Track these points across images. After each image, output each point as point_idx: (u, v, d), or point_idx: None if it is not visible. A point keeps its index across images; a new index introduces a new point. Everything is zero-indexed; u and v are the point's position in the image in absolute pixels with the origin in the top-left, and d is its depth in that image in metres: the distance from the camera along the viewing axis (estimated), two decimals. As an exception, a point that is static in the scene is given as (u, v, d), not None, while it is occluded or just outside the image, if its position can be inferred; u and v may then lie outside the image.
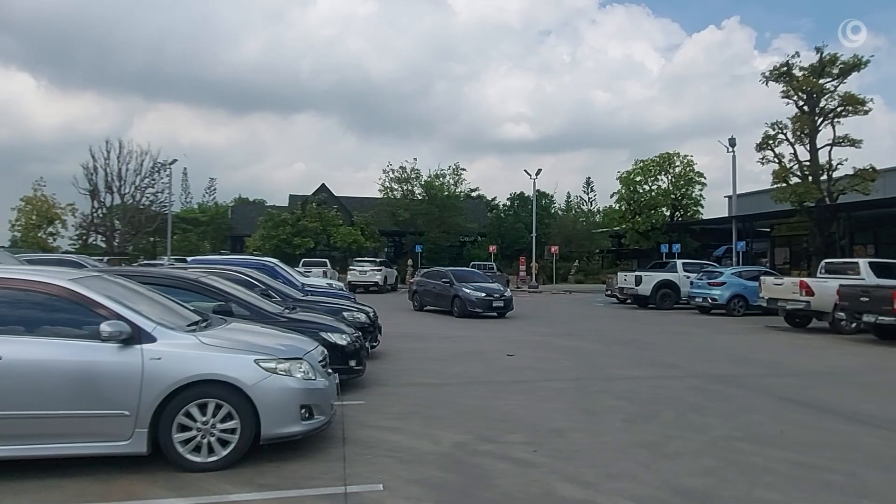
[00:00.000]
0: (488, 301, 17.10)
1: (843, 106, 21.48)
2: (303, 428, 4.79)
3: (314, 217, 38.28)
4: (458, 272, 19.41)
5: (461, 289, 17.39)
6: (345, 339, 7.06)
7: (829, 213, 22.13)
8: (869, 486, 4.46)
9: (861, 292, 13.25)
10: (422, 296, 19.35)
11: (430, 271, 20.34)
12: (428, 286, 19.05)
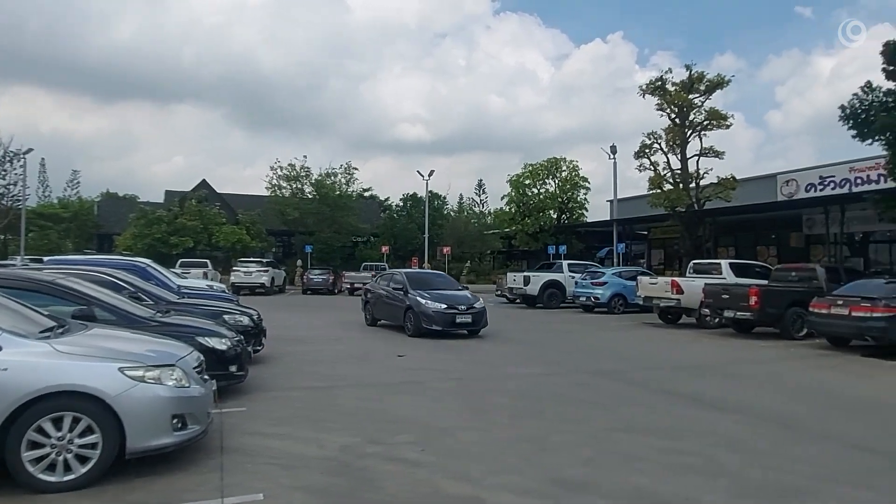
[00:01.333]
0: (450, 316, 12.95)
1: (709, 120, 23.74)
2: (175, 439, 4.51)
3: (194, 215, 36.11)
4: (415, 275, 15.73)
5: (416, 298, 13.33)
6: (224, 343, 6.72)
7: (697, 218, 24.34)
8: (724, 467, 4.95)
9: (722, 290, 14.73)
10: (374, 306, 15.34)
11: (384, 274, 16.62)
12: (380, 294, 15.11)
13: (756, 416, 6.72)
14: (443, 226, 44.46)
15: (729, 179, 23.08)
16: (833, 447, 5.59)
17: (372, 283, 16.81)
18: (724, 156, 23.78)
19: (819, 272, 14.82)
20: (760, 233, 27.89)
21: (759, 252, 27.19)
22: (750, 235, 28.26)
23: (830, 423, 6.47)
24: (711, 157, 23.82)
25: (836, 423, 6.52)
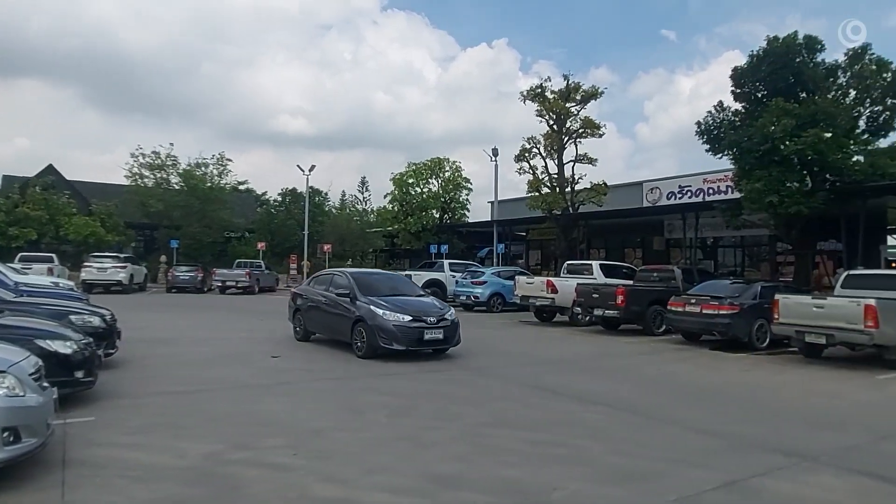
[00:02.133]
0: (417, 331, 10.03)
1: (584, 128, 25.35)
2: (7, 454, 4.07)
3: (38, 203, 32.41)
4: (363, 277, 11.98)
5: (368, 307, 10.31)
6: (69, 346, 6.12)
7: (572, 221, 25.89)
8: (588, 455, 5.32)
9: (593, 290, 15.78)
10: (307, 316, 12.12)
11: (321, 275, 13.06)
12: (316, 301, 11.83)
13: (617, 406, 7.28)
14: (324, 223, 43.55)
15: (601, 185, 24.76)
16: (680, 432, 6.20)
17: (304, 285, 13.74)
18: (597, 163, 25.52)
19: (676, 273, 16.36)
20: (628, 236, 30.24)
21: (626, 254, 29.49)
22: (619, 238, 30.54)
23: (679, 411, 7.17)
24: (586, 164, 25.46)
25: (684, 410, 7.24)
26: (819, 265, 21.40)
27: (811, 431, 6.33)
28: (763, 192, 17.51)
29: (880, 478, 4.88)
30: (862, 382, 9.33)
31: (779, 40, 19.09)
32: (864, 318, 10.09)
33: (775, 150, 17.36)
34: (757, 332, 12.54)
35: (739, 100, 20.48)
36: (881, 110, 18.62)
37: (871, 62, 18.45)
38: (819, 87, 18.75)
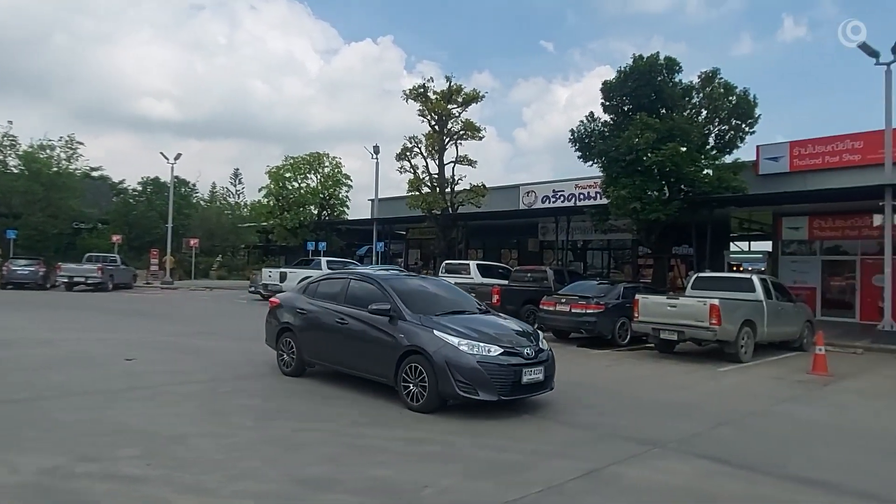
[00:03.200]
0: (512, 370, 6.73)
1: (465, 131, 25.99)
2: None
3: None
4: (405, 284, 8.14)
5: (431, 332, 6.93)
6: None
7: (451, 221, 26.44)
8: (460, 451, 5.46)
9: (470, 289, 16.19)
10: (306, 339, 8.40)
11: (325, 279, 8.97)
12: (322, 318, 8.19)
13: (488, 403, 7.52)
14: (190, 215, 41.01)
15: (480, 187, 25.53)
16: (547, 425, 6.55)
17: (293, 293, 9.25)
18: (477, 165, 26.32)
19: (548, 273, 17.25)
20: (505, 237, 31.45)
21: (503, 254, 30.68)
22: (496, 239, 31.67)
23: (546, 407, 7.56)
24: (466, 165, 26.11)
25: (551, 405, 7.64)
26: (674, 268, 23.58)
27: (662, 420, 6.95)
28: (627, 199, 18.97)
29: (718, 460, 5.47)
30: (706, 374, 10.40)
31: (643, 59, 20.78)
32: (710, 316, 11.27)
33: (639, 161, 18.88)
34: (619, 330, 13.57)
35: (608, 112, 22.05)
36: (727, 129, 20.91)
37: (720, 86, 20.65)
38: (676, 105, 20.66)
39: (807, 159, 19.98)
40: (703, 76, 20.96)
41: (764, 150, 20.98)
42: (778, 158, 20.56)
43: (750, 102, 20.50)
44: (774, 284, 13.62)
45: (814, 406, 8.09)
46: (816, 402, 8.32)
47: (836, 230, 20.74)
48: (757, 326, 12.03)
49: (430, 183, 25.98)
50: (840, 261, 20.88)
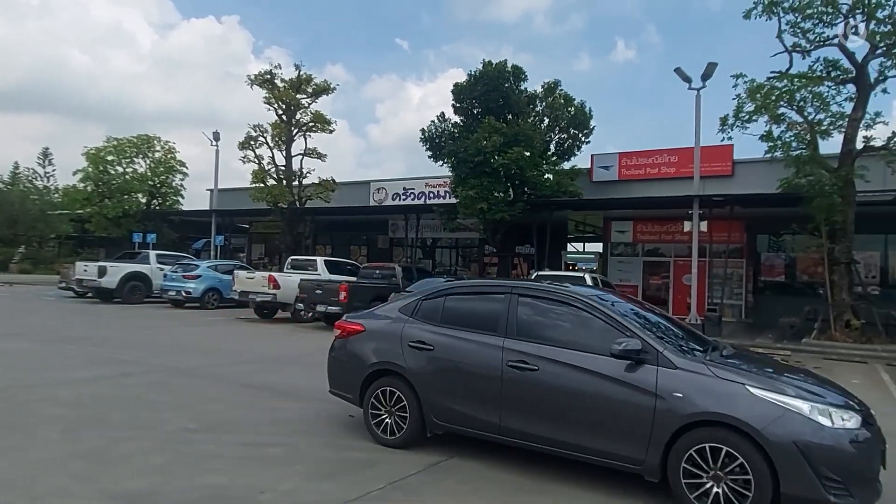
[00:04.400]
0: (879, 452, 4.19)
1: (314, 123, 25.32)
2: None
3: None
4: (624, 307, 5.21)
5: (744, 390, 4.18)
6: None
7: (298, 215, 25.64)
8: (303, 453, 5.28)
9: (316, 286, 15.83)
10: (430, 389, 5.36)
11: (468, 291, 5.88)
12: (470, 355, 5.22)
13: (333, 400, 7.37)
14: (-16, 199, 35.59)
15: (330, 181, 25.04)
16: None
17: (390, 312, 5.95)
18: (327, 158, 25.74)
19: (397, 271, 17.38)
20: (354, 233, 31.18)
21: (352, 251, 30.38)
22: (345, 235, 31.28)
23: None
24: (315, 158, 25.47)
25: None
26: (517, 266, 24.95)
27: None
28: (475, 199, 19.74)
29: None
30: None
31: (492, 65, 21.76)
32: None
33: (486, 163, 19.73)
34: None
35: (459, 113, 22.79)
36: (566, 138, 22.65)
37: (561, 97, 22.30)
38: (522, 111, 21.92)
39: (633, 169, 22.18)
40: (545, 86, 22.47)
41: (597, 159, 22.94)
42: (609, 167, 22.59)
43: (586, 114, 22.38)
44: (604, 282, 14.96)
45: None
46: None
47: (655, 234, 23.30)
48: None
49: (276, 175, 24.97)
50: (657, 262, 23.48)
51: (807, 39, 15.97)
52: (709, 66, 17.38)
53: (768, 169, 17.25)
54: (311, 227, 27.77)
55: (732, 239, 19.58)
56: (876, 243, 19.54)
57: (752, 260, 21.56)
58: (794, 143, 15.92)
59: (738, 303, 21.31)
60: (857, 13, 15.06)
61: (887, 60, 15.05)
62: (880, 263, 19.83)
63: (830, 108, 15.70)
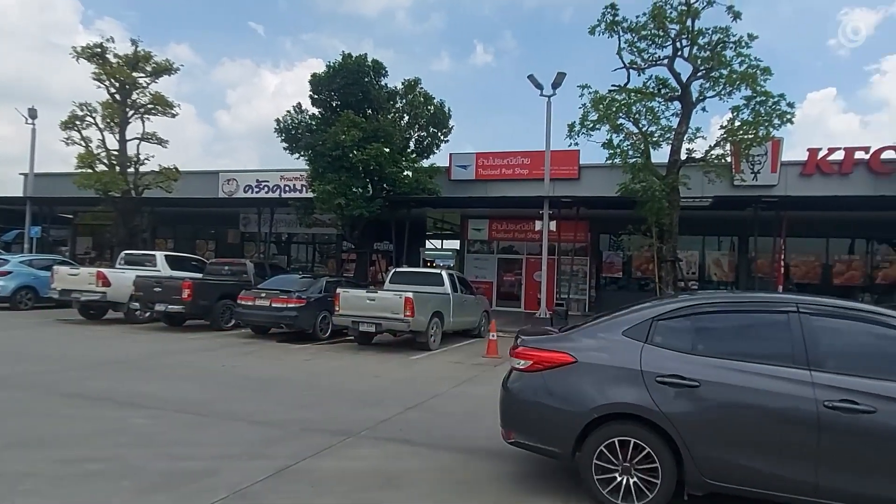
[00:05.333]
0: None
1: (154, 105, 23.31)
2: None
3: None
4: None
5: None
6: None
7: (134, 206, 23.55)
8: (131, 465, 4.86)
9: (155, 283, 14.66)
10: (701, 439, 4.15)
11: (729, 308, 4.59)
12: (755, 394, 4.09)
13: (171, 407, 6.89)
14: None
15: (172, 170, 23.25)
16: (238, 426, 6.26)
17: (617, 337, 4.57)
18: (169, 145, 23.89)
19: (248, 267, 16.61)
20: (201, 227, 29.28)
21: (198, 246, 28.54)
22: (190, 228, 29.28)
23: (239, 405, 7.25)
24: (154, 144, 23.50)
25: (244, 403, 7.35)
26: (376, 263, 24.92)
27: (357, 410, 7.24)
28: (333, 195, 19.42)
29: (405, 441, 5.92)
30: (399, 363, 11.20)
31: (352, 58, 21.53)
32: (404, 309, 12.19)
33: (345, 158, 19.48)
34: (321, 324, 13.78)
35: (317, 105, 22.27)
36: (426, 136, 23.01)
37: (420, 94, 22.59)
38: (382, 107, 21.92)
39: (489, 169, 23.08)
40: (406, 83, 22.65)
41: (455, 158, 23.57)
42: (466, 166, 23.32)
43: (445, 113, 22.90)
44: (460, 279, 15.41)
45: (486, 385, 9.31)
46: (488, 382, 9.59)
47: (509, 232, 24.47)
48: (445, 317, 13.45)
49: (107, 160, 22.68)
50: (511, 259, 24.69)
51: (642, 58, 17.63)
52: (558, 76, 18.57)
53: (609, 174, 18.85)
54: (150, 219, 25.65)
55: (578, 238, 21.11)
56: (695, 244, 22.13)
57: (595, 258, 23.40)
58: (630, 151, 17.53)
59: (582, 297, 23.02)
60: (682, 38, 16.92)
61: (706, 83, 17.08)
62: (699, 261, 22.47)
63: (661, 121, 17.49)
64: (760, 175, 19.61)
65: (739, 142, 17.04)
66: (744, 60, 16.50)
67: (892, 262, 20.79)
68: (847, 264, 21.27)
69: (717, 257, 22.52)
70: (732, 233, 21.61)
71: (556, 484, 4.84)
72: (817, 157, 19.54)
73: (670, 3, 16.86)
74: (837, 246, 21.29)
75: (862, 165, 19.13)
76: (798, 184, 19.53)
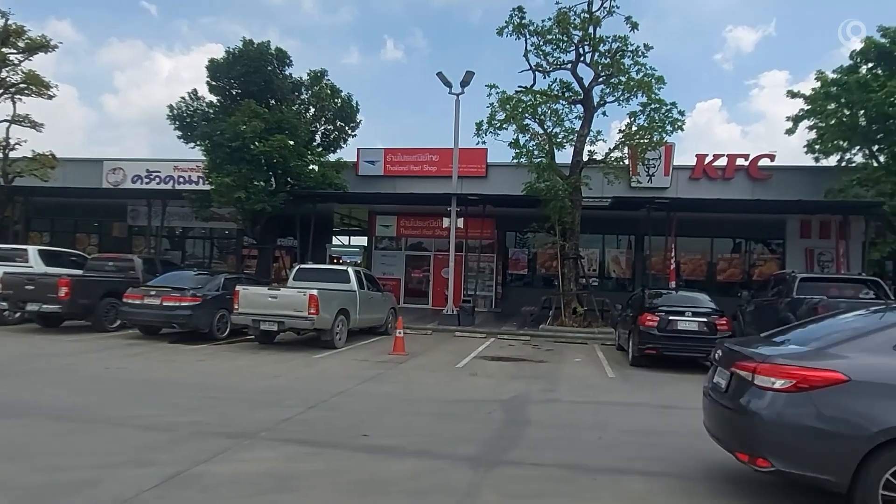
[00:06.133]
0: None
1: (27, 84, 21.36)
2: None
3: None
4: None
5: None
6: None
7: (4, 195, 21.56)
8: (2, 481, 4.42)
9: (27, 280, 13.45)
10: None
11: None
12: None
13: (46, 414, 6.35)
14: None
15: (48, 156, 21.45)
16: (124, 432, 5.85)
17: None
18: (45, 129, 21.98)
19: (136, 263, 15.63)
20: (83, 219, 27.17)
21: (79, 240, 26.48)
22: (70, 221, 27.12)
23: (125, 409, 6.78)
24: (27, 127, 21.58)
25: (130, 408, 6.89)
26: (279, 259, 24.18)
27: (255, 411, 6.97)
28: (232, 188, 18.65)
29: (304, 442, 5.76)
30: (302, 362, 10.92)
31: (254, 45, 20.75)
32: (308, 306, 11.90)
33: (245, 149, 18.76)
34: (218, 323, 13.19)
35: (215, 93, 21.29)
36: (333, 129, 22.59)
37: (327, 87, 22.13)
38: (286, 98, 21.31)
39: (397, 165, 23.00)
40: (312, 75, 22.11)
41: (363, 154, 23.31)
42: (375, 162, 23.12)
43: (353, 107, 22.57)
44: (367, 275, 15.25)
45: (391, 382, 9.29)
46: (393, 379, 9.58)
47: (417, 229, 24.53)
48: (350, 314, 13.26)
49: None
50: (419, 256, 24.75)
51: (547, 61, 18.26)
52: (467, 74, 18.80)
53: (515, 173, 19.34)
54: (23, 210, 23.51)
55: (485, 235, 21.49)
56: (596, 242, 23.15)
57: (502, 255, 23.92)
58: (536, 151, 18.09)
59: (489, 294, 23.46)
60: (585, 44, 17.66)
61: (607, 88, 17.93)
62: (599, 259, 23.53)
63: (564, 123, 18.21)
64: (655, 178, 20.79)
65: (636, 145, 18.02)
66: (640, 69, 17.48)
67: (766, 260, 22.71)
68: (729, 262, 23.05)
69: (616, 255, 23.68)
70: (630, 232, 22.79)
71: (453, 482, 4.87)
72: (704, 163, 21.00)
73: (574, 10, 17.55)
74: (721, 245, 23.01)
75: (742, 171, 20.78)
76: (688, 187, 20.90)
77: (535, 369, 11.11)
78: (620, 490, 4.73)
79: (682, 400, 8.51)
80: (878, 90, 16.49)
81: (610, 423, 7.06)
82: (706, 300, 12.57)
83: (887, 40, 17.31)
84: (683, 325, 11.42)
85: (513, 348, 14.08)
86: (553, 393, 8.86)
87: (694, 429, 6.85)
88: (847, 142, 18.57)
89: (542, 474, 5.09)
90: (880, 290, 11.87)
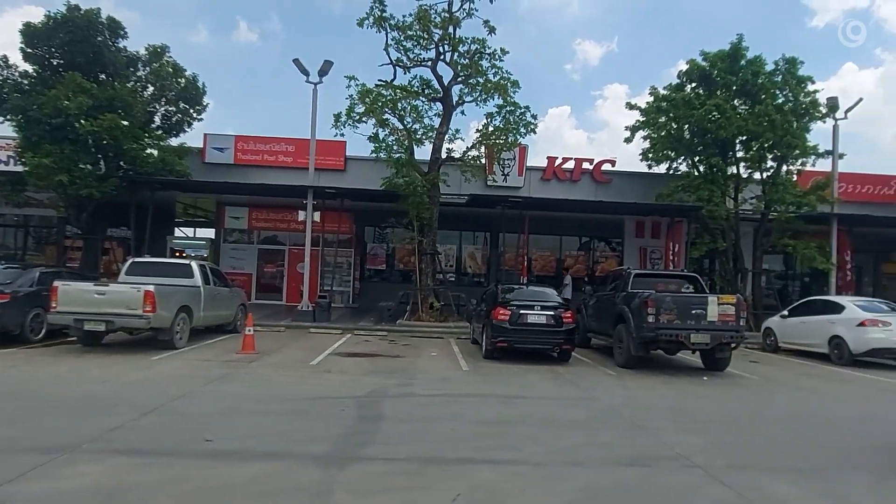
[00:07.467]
0: None
1: None
2: None
3: None
4: None
5: None
6: None
7: None
8: None
9: None
10: None
11: None
12: None
13: None
14: None
15: None
16: None
17: None
18: None
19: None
20: None
21: None
22: None
23: None
24: None
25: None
26: (110, 251, 22.05)
27: (77, 421, 6.27)
28: (52, 170, 16.75)
29: (137, 452, 5.27)
30: (137, 364, 10.01)
31: (80, 11, 18.70)
32: (144, 303, 10.95)
33: (69, 127, 16.93)
34: (31, 323, 11.76)
35: (31, 61, 18.93)
36: (175, 111, 20.96)
37: (168, 64, 20.49)
38: (119, 73, 19.44)
39: (250, 154, 21.92)
40: (150, 50, 20.38)
41: (211, 139, 21.94)
42: (224, 149, 21.85)
43: (199, 89, 21.11)
44: (213, 270, 14.35)
45: (239, 382, 8.82)
46: (242, 379, 9.11)
47: (271, 222, 23.60)
48: (194, 312, 12.42)
49: None
50: (273, 250, 23.85)
51: (408, 57, 18.39)
52: (325, 64, 18.35)
53: (375, 167, 19.24)
54: None
55: (343, 229, 21.14)
56: (453, 238, 23.76)
57: (360, 249, 23.72)
58: (395, 146, 18.13)
59: (346, 289, 23.18)
60: (445, 43, 18.01)
61: (465, 88, 18.44)
62: (456, 255, 24.16)
63: (424, 120, 18.44)
64: (509, 177, 21.74)
65: (492, 145, 18.72)
66: (497, 72, 18.20)
67: (607, 257, 24.69)
68: (575, 259, 24.73)
69: (472, 251, 24.46)
70: (486, 229, 23.66)
71: (305, 479, 4.73)
72: (555, 165, 22.33)
73: (434, 9, 17.83)
74: (568, 243, 24.66)
75: (587, 174, 22.37)
76: (539, 187, 22.10)
77: (391, 364, 11.13)
78: (472, 479, 4.86)
79: (530, 390, 8.97)
80: (699, 107, 18.51)
81: (463, 414, 7.25)
82: (554, 295, 13.36)
83: (707, 63, 19.47)
84: (533, 319, 12.02)
85: (369, 344, 14.01)
86: (408, 387, 8.93)
87: (542, 417, 7.23)
88: (674, 152, 20.60)
89: (395, 469, 5.10)
90: (698, 285, 13.29)
